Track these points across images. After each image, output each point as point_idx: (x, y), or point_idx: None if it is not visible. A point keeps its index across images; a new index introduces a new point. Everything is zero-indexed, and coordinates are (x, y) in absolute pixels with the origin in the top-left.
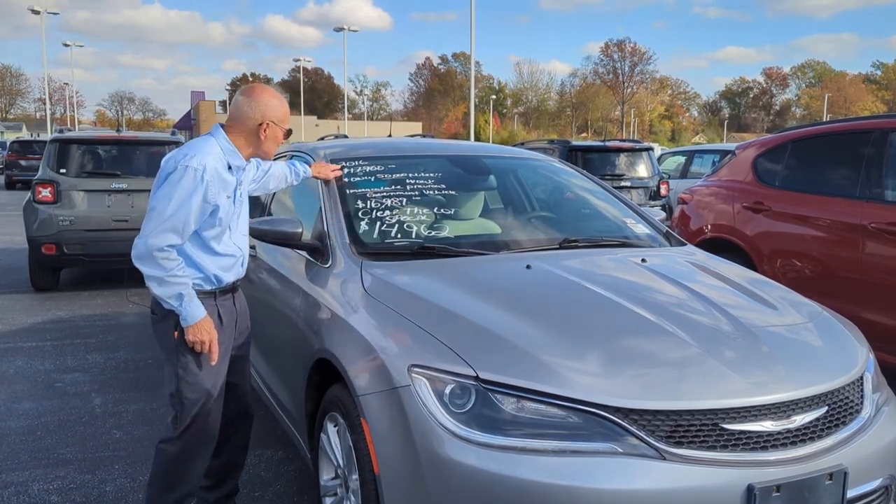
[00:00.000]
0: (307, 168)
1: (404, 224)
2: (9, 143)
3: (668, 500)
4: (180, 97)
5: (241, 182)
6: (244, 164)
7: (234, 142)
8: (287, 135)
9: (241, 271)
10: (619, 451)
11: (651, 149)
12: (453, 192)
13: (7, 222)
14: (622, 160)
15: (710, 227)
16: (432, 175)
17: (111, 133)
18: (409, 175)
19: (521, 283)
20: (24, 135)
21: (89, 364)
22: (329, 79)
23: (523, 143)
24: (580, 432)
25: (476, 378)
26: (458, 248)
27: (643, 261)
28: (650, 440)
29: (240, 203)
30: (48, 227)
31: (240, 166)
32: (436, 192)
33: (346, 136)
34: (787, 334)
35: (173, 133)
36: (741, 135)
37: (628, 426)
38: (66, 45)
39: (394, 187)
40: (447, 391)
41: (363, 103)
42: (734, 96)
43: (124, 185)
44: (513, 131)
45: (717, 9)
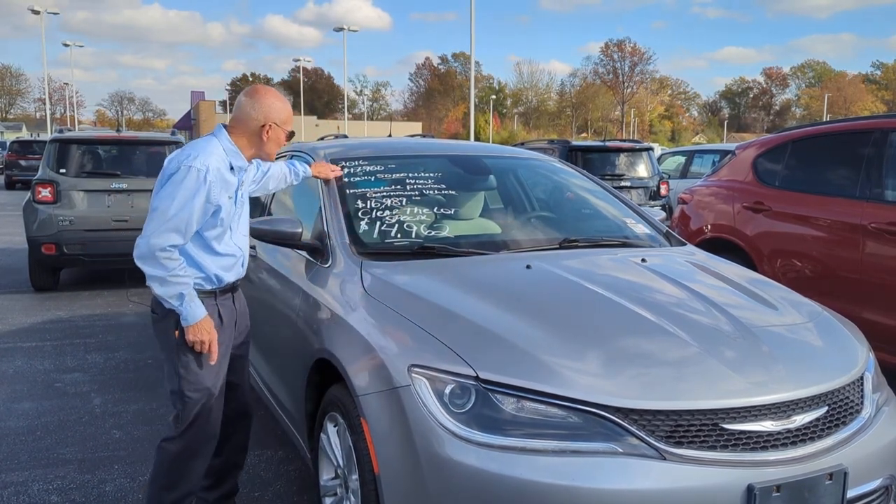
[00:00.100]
0: (307, 168)
1: (404, 224)
2: (9, 143)
3: (668, 500)
4: (180, 97)
5: (242, 183)
6: (246, 165)
7: (237, 142)
8: (290, 137)
9: (241, 271)
10: (619, 451)
11: (651, 149)
12: (453, 192)
13: (7, 222)
14: (622, 160)
15: (710, 227)
16: (432, 175)
17: (111, 133)
18: (409, 175)
19: (521, 283)
20: (24, 135)
21: (89, 364)
22: (329, 79)
23: (523, 143)
24: (580, 432)
25: (476, 378)
26: (458, 247)
27: (643, 261)
28: (650, 440)
29: (241, 203)
30: (48, 227)
31: (242, 167)
32: (436, 191)
33: (346, 136)
34: (788, 334)
35: (173, 133)
36: (741, 135)
37: (628, 426)
38: (65, 45)
39: (394, 187)
40: (447, 391)
41: (363, 103)
42: (734, 96)
43: (124, 185)
44: (513, 131)
45: (716, 9)
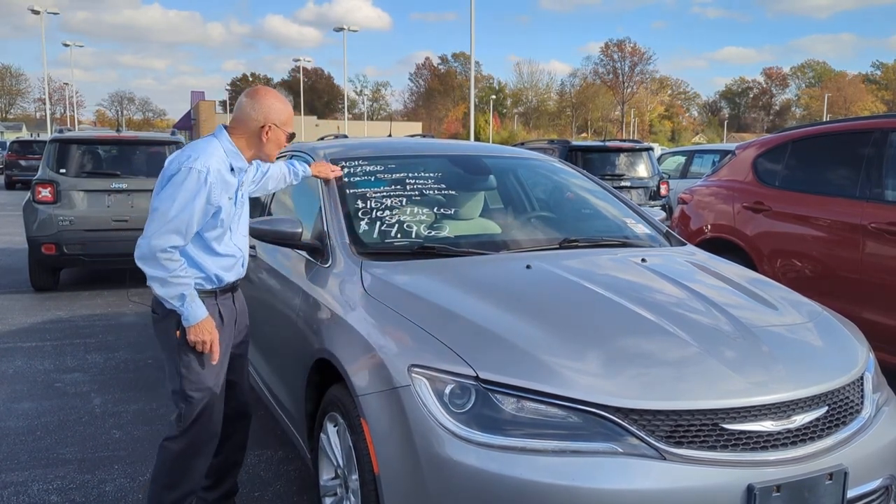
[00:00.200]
0: (307, 168)
1: (404, 224)
2: (9, 143)
3: (668, 500)
4: (180, 97)
5: (242, 183)
6: (246, 166)
7: (237, 143)
8: (290, 138)
9: (241, 271)
10: (619, 451)
11: (651, 149)
12: (453, 192)
13: (7, 222)
14: (622, 160)
15: (710, 227)
16: (432, 175)
17: (111, 133)
18: (409, 175)
19: (521, 283)
20: (24, 135)
21: (89, 364)
22: (329, 79)
23: (523, 143)
24: (580, 432)
25: (476, 378)
26: (458, 247)
27: (643, 261)
28: (650, 440)
29: (241, 204)
30: (48, 227)
31: (242, 168)
32: (436, 191)
33: (346, 136)
34: (787, 334)
35: (173, 133)
36: (741, 135)
37: (628, 426)
38: (65, 45)
39: (394, 187)
40: (447, 391)
41: (363, 103)
42: (734, 96)
43: (124, 185)
44: (513, 131)
45: (716, 9)
